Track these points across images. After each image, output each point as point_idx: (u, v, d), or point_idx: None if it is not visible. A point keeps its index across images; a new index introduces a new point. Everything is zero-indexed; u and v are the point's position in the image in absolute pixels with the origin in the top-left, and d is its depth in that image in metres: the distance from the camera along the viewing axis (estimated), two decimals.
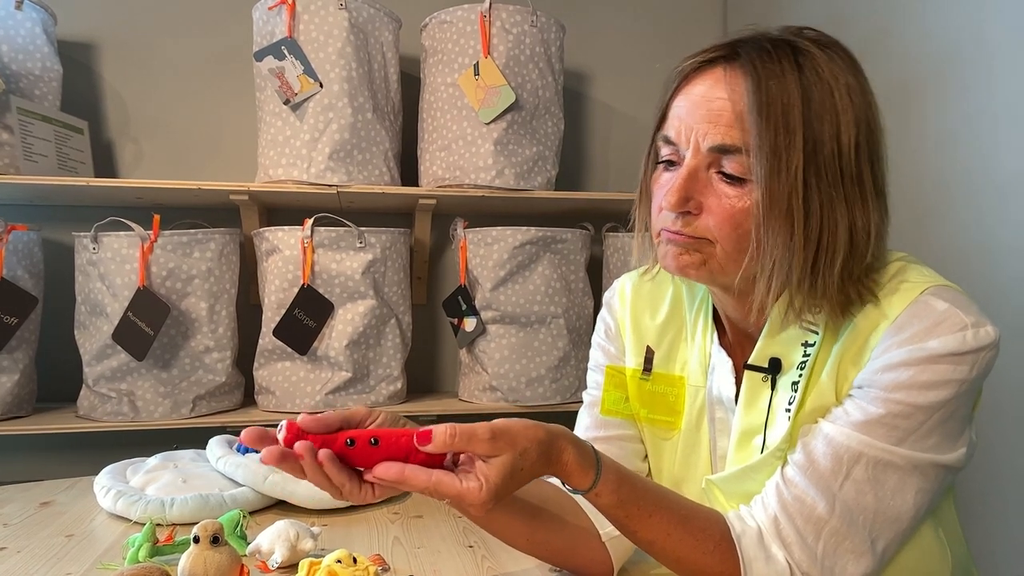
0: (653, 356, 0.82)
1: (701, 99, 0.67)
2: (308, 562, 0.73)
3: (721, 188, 0.66)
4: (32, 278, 1.59)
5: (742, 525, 0.68)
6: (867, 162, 0.66)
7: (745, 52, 0.66)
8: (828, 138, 0.64)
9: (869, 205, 0.65)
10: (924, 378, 0.63)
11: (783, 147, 0.63)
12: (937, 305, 0.64)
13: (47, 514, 0.95)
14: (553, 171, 1.80)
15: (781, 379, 0.71)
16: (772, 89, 0.63)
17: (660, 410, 0.81)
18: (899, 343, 0.64)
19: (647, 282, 0.85)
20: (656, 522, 0.66)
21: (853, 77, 0.66)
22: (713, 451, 0.78)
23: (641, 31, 2.11)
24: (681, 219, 0.68)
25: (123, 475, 1.01)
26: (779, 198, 0.63)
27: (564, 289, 1.76)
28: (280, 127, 1.65)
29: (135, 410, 1.56)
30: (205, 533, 0.70)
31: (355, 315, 1.64)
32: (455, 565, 0.78)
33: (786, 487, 0.66)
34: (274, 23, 1.64)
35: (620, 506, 0.66)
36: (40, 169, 1.56)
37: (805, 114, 0.63)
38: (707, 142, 0.66)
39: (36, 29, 1.61)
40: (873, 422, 0.64)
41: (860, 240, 0.65)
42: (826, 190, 0.64)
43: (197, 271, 1.59)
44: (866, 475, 0.64)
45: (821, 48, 0.66)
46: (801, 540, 0.65)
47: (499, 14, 1.70)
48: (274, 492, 0.96)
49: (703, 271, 0.69)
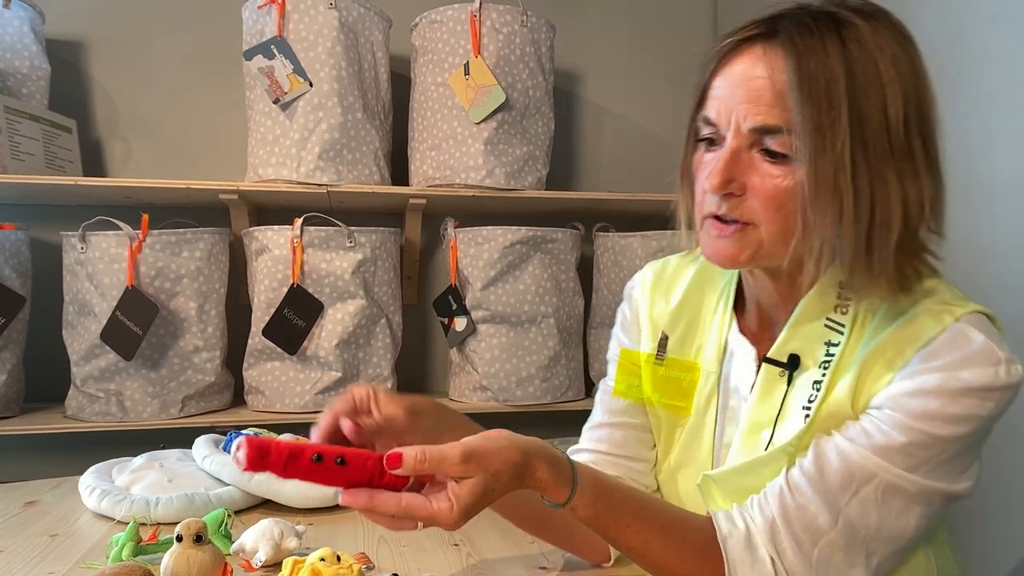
0: (667, 341, 0.81)
1: (741, 79, 0.65)
2: (292, 560, 0.72)
3: (764, 168, 0.65)
4: (20, 277, 1.59)
5: (730, 527, 0.67)
6: (917, 134, 0.64)
7: (784, 28, 0.64)
8: (875, 112, 0.62)
9: (921, 177, 0.64)
10: (951, 411, 0.62)
11: (827, 124, 0.61)
12: (974, 336, 0.63)
13: (32, 514, 0.95)
14: (543, 171, 1.81)
15: (799, 376, 0.70)
16: (813, 65, 0.62)
17: (674, 395, 0.80)
18: (932, 369, 0.63)
19: (670, 267, 0.85)
20: (634, 532, 0.66)
21: (900, 47, 0.64)
22: (717, 439, 0.77)
23: (631, 31, 2.12)
24: (725, 202, 0.67)
25: (108, 475, 1.01)
26: (826, 176, 0.61)
27: (554, 289, 1.76)
28: (270, 126, 1.65)
29: (123, 410, 1.55)
30: (188, 532, 0.70)
31: (345, 315, 1.64)
32: (440, 563, 0.78)
33: (791, 493, 0.65)
34: (264, 22, 1.64)
35: (597, 518, 0.65)
36: (28, 168, 1.56)
37: (849, 89, 0.61)
38: (748, 123, 0.64)
39: (24, 28, 1.60)
40: (893, 449, 0.63)
41: (914, 213, 0.63)
42: (875, 165, 0.62)
43: (186, 271, 1.58)
44: (874, 495, 0.63)
45: (865, 19, 0.64)
46: (797, 546, 0.64)
47: (489, 14, 1.70)
48: (260, 491, 0.96)
49: (751, 260, 0.68)
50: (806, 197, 0.63)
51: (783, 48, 0.63)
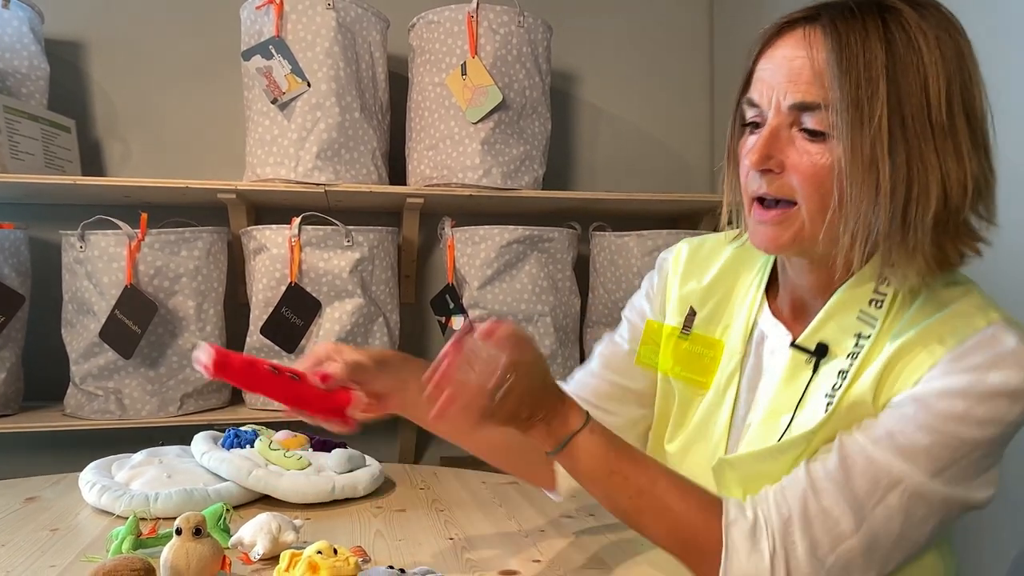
0: (695, 317, 0.82)
1: (782, 59, 0.67)
2: (289, 554, 0.73)
3: (803, 145, 0.66)
4: (19, 276, 1.59)
5: (737, 514, 0.66)
6: (961, 115, 0.64)
7: (827, 12, 0.66)
8: (916, 90, 0.63)
9: (965, 158, 0.64)
10: (978, 413, 0.62)
11: (865, 99, 0.62)
12: (1006, 339, 0.64)
13: (32, 509, 0.96)
14: (540, 170, 1.82)
15: (825, 365, 0.70)
16: (852, 44, 0.63)
17: (695, 369, 0.81)
18: (960, 370, 0.63)
19: (707, 245, 0.87)
20: (642, 470, 0.68)
21: (945, 32, 0.65)
22: (734, 417, 0.77)
23: (628, 32, 2.13)
24: (765, 179, 0.68)
25: (108, 470, 1.02)
26: (863, 150, 0.62)
27: (551, 288, 1.77)
28: (268, 126, 1.66)
29: (122, 408, 1.56)
30: (187, 525, 0.70)
31: (343, 313, 1.64)
32: (436, 557, 0.79)
33: (814, 496, 0.64)
34: (262, 22, 1.65)
35: (608, 451, 0.68)
36: (27, 167, 1.57)
37: (888, 66, 0.62)
38: (788, 100, 0.66)
39: (23, 28, 1.61)
40: (918, 451, 0.63)
41: (955, 193, 0.63)
42: (914, 141, 0.63)
43: (185, 269, 1.59)
44: (900, 503, 0.63)
45: (912, 5, 0.65)
46: (812, 547, 0.63)
47: (486, 14, 1.71)
48: (258, 487, 0.97)
49: (794, 245, 0.69)
50: (843, 171, 0.64)
51: (823, 29, 0.65)
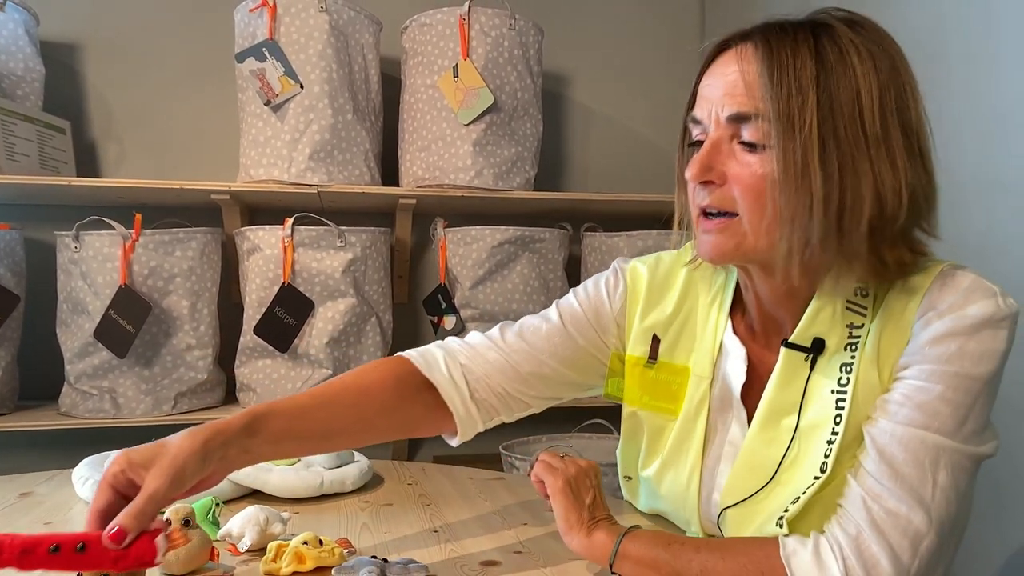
0: (659, 345, 0.84)
1: (719, 75, 0.70)
2: (276, 544, 0.75)
3: (742, 157, 0.68)
4: (14, 276, 1.61)
5: (795, 545, 0.64)
6: (896, 125, 0.66)
7: (760, 30, 0.69)
8: (848, 101, 0.64)
9: (900, 168, 0.65)
10: (971, 347, 0.64)
11: (795, 109, 0.64)
12: (962, 277, 0.67)
13: (27, 504, 0.97)
14: (532, 171, 1.83)
15: (823, 360, 0.71)
16: (783, 56, 0.65)
17: (663, 397, 0.82)
18: (938, 315, 0.65)
19: (662, 268, 0.87)
20: (693, 554, 0.67)
21: (878, 46, 0.66)
22: (709, 440, 0.79)
23: (618, 35, 2.15)
24: (708, 192, 0.70)
25: (101, 466, 1.03)
26: (795, 159, 0.64)
27: (542, 288, 1.79)
28: (261, 127, 1.68)
29: (117, 407, 1.58)
30: (177, 517, 0.72)
31: (336, 313, 1.66)
32: (420, 548, 0.81)
33: (875, 502, 0.63)
34: (255, 25, 1.67)
35: (656, 546, 0.69)
36: (22, 168, 1.58)
37: (819, 77, 0.64)
38: (724, 112, 0.68)
39: (19, 30, 1.63)
40: (937, 404, 0.64)
41: (890, 201, 0.65)
42: (847, 151, 0.64)
43: (179, 270, 1.61)
44: (949, 480, 0.63)
45: (845, 23, 0.68)
46: (895, 558, 0.61)
47: (478, 17, 1.73)
48: (246, 482, 0.98)
49: (738, 254, 0.70)
50: (775, 182, 0.65)
51: (755, 45, 0.68)
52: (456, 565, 0.77)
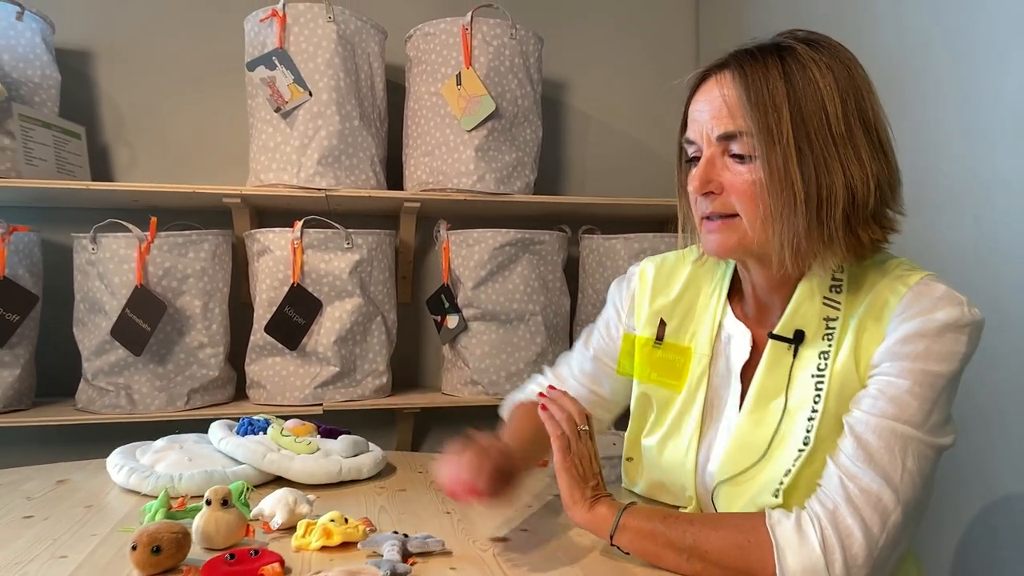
0: (665, 328, 0.94)
1: (705, 102, 0.81)
2: (305, 522, 0.81)
3: (734, 168, 0.78)
4: (32, 277, 1.66)
5: (779, 516, 0.73)
6: (859, 126, 0.76)
7: (734, 59, 0.79)
8: (814, 110, 0.75)
9: (866, 161, 0.75)
10: (936, 348, 0.73)
11: (773, 123, 0.75)
12: (937, 288, 0.76)
13: (65, 490, 1.03)
14: (532, 176, 1.90)
15: (804, 348, 0.81)
16: (757, 80, 0.76)
17: (668, 374, 0.93)
18: (910, 317, 0.75)
19: (668, 263, 0.99)
20: (687, 526, 0.76)
21: (834, 59, 0.77)
22: (708, 413, 0.88)
23: (616, 42, 2.22)
24: (709, 201, 0.80)
25: (132, 455, 1.09)
26: (777, 166, 0.75)
27: (542, 288, 1.86)
28: (271, 133, 1.73)
29: (132, 403, 1.63)
30: (216, 496, 0.78)
31: (343, 312, 1.72)
32: (434, 528, 0.88)
33: (851, 480, 0.72)
34: (265, 34, 1.72)
35: (652, 521, 0.77)
36: (40, 173, 1.63)
37: (789, 94, 0.75)
38: (715, 132, 0.79)
39: (36, 39, 1.68)
40: (906, 397, 0.73)
41: (860, 189, 0.75)
42: (819, 153, 0.74)
43: (192, 270, 1.66)
44: (915, 466, 0.72)
45: (804, 43, 0.78)
46: (866, 531, 0.70)
47: (480, 27, 1.79)
48: (271, 469, 1.05)
49: (740, 248, 0.80)
50: (764, 186, 0.76)
51: (731, 72, 0.79)
52: (469, 541, 0.84)
